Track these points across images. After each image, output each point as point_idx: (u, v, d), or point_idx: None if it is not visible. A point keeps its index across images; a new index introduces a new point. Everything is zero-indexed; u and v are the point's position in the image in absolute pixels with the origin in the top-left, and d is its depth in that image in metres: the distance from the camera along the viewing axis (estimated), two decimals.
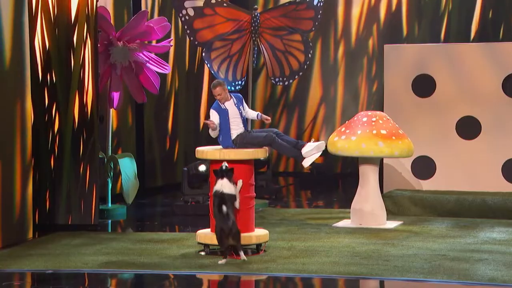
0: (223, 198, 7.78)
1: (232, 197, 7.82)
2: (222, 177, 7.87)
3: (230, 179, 7.84)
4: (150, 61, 10.65)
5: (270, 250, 8.39)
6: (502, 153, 10.62)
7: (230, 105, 8.37)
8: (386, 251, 8.31)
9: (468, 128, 10.68)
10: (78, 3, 9.49)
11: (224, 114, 8.29)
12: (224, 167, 7.85)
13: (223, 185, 7.86)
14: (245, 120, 8.48)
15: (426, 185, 10.83)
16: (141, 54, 10.57)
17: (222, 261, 7.74)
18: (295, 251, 8.37)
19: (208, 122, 8.22)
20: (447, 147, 10.76)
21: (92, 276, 7.57)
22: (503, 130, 10.59)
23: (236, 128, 8.32)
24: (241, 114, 8.37)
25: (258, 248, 8.33)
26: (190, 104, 13.44)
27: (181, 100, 13.22)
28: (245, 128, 8.38)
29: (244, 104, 8.51)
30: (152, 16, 12.31)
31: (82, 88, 9.53)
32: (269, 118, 8.58)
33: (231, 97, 8.43)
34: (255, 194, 8.38)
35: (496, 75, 10.61)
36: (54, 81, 9.54)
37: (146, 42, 10.67)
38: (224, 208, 7.71)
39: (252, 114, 8.55)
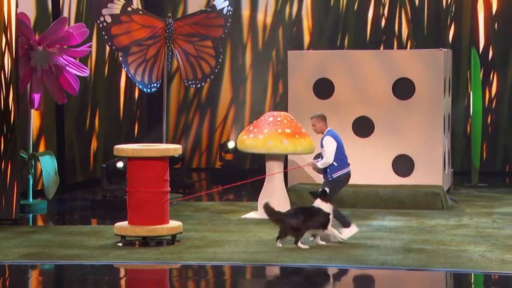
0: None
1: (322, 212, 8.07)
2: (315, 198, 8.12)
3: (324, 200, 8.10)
4: (70, 65, 10.45)
5: (183, 240, 8.36)
6: (392, 150, 10.90)
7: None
8: (290, 240, 8.40)
9: (363, 127, 10.92)
10: None
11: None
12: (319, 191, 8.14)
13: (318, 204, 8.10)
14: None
15: None
16: (60, 58, 10.36)
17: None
18: (207, 241, 8.37)
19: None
20: (344, 144, 10.91)
21: (13, 268, 7.38)
22: (393, 129, 10.88)
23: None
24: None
25: (172, 239, 8.30)
26: (109, 104, 13.25)
27: (101, 101, 13.02)
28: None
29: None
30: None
31: (2, 89, 9.26)
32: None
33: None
34: (169, 188, 8.34)
35: (387, 79, 10.88)
36: None
37: (65, 47, 10.45)
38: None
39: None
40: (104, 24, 10.83)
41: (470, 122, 12.97)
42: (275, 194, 9.81)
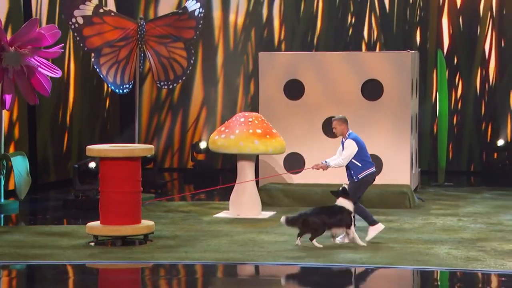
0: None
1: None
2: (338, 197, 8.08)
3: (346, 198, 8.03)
4: (41, 66, 10.35)
5: (156, 240, 8.33)
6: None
7: None
8: (261, 239, 8.42)
9: (332, 127, 10.94)
10: None
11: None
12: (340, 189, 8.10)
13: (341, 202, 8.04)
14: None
15: (297, 178, 11.04)
16: (32, 59, 10.25)
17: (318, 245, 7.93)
18: (179, 240, 8.35)
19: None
20: (314, 144, 11.01)
21: None
22: (362, 129, 10.90)
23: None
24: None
25: (145, 239, 8.26)
26: (82, 105, 13.15)
27: (77, 102, 12.93)
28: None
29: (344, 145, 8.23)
30: None
31: None
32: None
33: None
34: (142, 188, 8.30)
35: (356, 80, 10.95)
36: None
37: (38, 47, 10.35)
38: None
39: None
40: (76, 25, 10.75)
41: (436, 123, 13.11)
42: (246, 194, 9.82)
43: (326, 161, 8.38)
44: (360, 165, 8.16)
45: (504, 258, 7.54)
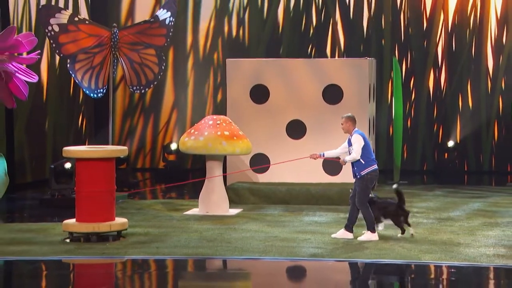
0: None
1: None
2: None
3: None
4: (19, 71, 10.26)
5: (128, 236, 8.33)
6: (322, 150, 11.01)
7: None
8: (228, 235, 8.47)
9: (296, 130, 11.06)
10: None
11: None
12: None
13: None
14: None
15: (262, 178, 11.11)
16: (10, 65, 10.16)
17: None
18: (151, 236, 8.36)
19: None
20: (279, 146, 11.09)
21: None
22: (324, 131, 11.06)
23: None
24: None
25: (118, 235, 8.25)
26: (59, 109, 13.06)
27: (53, 105, 12.82)
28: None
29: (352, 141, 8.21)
30: None
31: None
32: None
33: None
34: (116, 187, 8.29)
35: (318, 85, 11.06)
36: None
37: (15, 54, 10.26)
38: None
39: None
40: (52, 33, 10.70)
41: (392, 125, 13.30)
42: (215, 192, 9.87)
43: (323, 153, 8.55)
44: (363, 162, 8.22)
45: (453, 250, 7.70)
